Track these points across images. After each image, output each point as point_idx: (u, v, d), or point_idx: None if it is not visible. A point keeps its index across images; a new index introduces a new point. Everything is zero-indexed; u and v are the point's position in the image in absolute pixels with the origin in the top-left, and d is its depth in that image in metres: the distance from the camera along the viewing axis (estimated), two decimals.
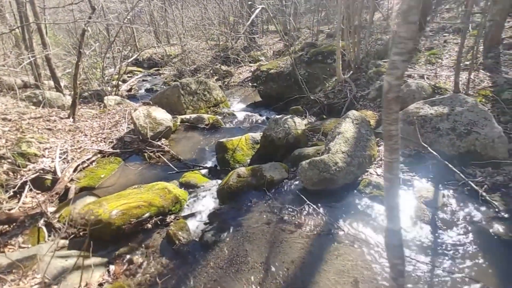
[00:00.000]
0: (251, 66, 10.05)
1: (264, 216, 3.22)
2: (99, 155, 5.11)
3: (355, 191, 3.47)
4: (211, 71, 9.40)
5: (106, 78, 8.52)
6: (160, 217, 3.33)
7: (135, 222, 3.16)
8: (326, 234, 2.94)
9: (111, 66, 9.71)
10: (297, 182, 3.70)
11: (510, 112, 4.54)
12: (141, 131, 5.49)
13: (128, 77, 10.52)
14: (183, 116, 6.62)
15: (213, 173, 4.70)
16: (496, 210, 3.05)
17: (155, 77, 10.88)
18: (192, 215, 3.54)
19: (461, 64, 5.66)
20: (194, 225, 3.37)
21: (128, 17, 8.76)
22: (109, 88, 8.13)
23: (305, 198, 3.34)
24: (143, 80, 10.68)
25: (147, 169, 4.95)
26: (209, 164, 5.00)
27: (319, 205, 3.27)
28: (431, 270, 2.49)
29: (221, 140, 4.89)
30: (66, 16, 10.12)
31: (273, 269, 2.62)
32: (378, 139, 4.33)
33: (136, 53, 10.75)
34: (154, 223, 3.26)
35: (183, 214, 3.59)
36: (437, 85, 5.74)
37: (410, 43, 0.82)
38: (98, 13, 10.02)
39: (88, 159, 4.89)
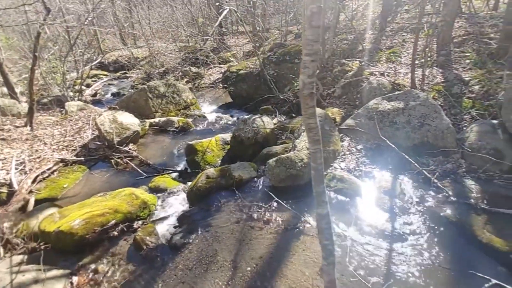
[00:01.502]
0: (221, 67, 10.03)
1: (233, 215, 3.26)
2: (61, 164, 4.86)
3: None
4: (181, 73, 9.26)
5: (68, 83, 8.09)
6: (127, 223, 3.25)
7: (99, 230, 3.05)
8: (293, 228, 3.04)
9: (73, 70, 9.23)
10: (265, 180, 3.78)
11: (458, 105, 4.95)
12: (106, 137, 5.30)
13: (92, 81, 10.07)
14: (152, 120, 6.47)
15: (183, 176, 4.65)
16: (446, 195, 3.33)
17: (122, 81, 10.51)
18: (161, 219, 3.50)
19: (416, 62, 6.07)
20: (163, 229, 3.33)
21: (89, 19, 8.38)
22: (71, 94, 7.74)
23: (273, 195, 3.42)
24: (109, 84, 10.27)
25: (115, 176, 4.79)
26: (180, 167, 4.94)
27: (287, 201, 3.37)
28: (389, 254, 2.67)
29: (190, 142, 4.85)
30: (20, 18, 9.48)
31: (242, 266, 2.67)
32: (342, 134, 4.53)
33: (100, 56, 10.31)
34: (120, 230, 3.17)
35: (152, 219, 3.53)
36: (396, 81, 6.09)
37: (316, 44, 0.91)
38: (55, 14, 9.49)
39: (48, 169, 4.63)
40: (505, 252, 2.57)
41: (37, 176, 4.41)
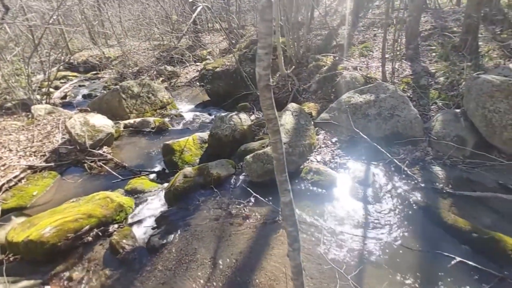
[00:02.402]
0: (197, 66, 9.90)
1: (212, 213, 3.25)
2: (29, 171, 4.61)
3: (298, 178, 3.69)
4: (156, 73, 9.04)
5: (34, 85, 7.65)
6: (102, 227, 3.16)
7: (72, 237, 2.94)
8: (272, 222, 3.09)
9: (40, 72, 8.74)
10: (243, 176, 3.80)
11: (425, 96, 5.21)
12: (78, 141, 5.08)
13: (61, 83, 9.58)
14: (126, 121, 6.28)
15: (161, 177, 4.57)
16: (415, 181, 3.51)
17: (94, 82, 10.07)
18: (139, 221, 3.42)
19: (387, 56, 6.30)
20: (141, 231, 3.26)
21: (54, 17, 7.95)
22: (38, 97, 7.32)
23: (251, 191, 3.45)
24: (80, 86, 9.82)
25: (88, 181, 4.61)
26: (157, 168, 4.84)
27: (265, 195, 3.41)
28: (362, 240, 2.79)
29: (167, 142, 4.77)
30: None
31: (222, 262, 2.68)
32: (317, 128, 4.63)
33: (68, 57, 9.81)
34: (95, 235, 3.07)
35: (128, 221, 3.45)
36: (368, 75, 6.29)
37: (269, 38, 0.93)
38: (16, 13, 8.92)
39: (15, 177, 4.38)
40: (468, 232, 2.76)
41: (3, 185, 4.17)
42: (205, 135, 5.03)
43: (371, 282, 2.40)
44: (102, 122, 5.56)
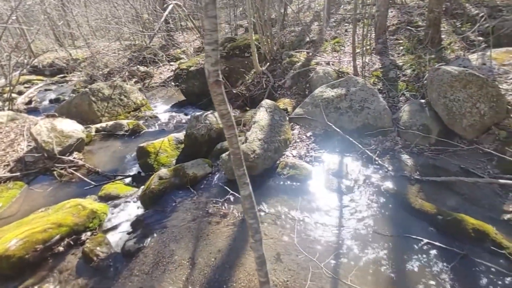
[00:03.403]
0: (172, 65, 9.70)
1: (190, 213, 3.22)
2: None
3: (274, 173, 3.73)
4: (128, 74, 8.76)
5: None
6: (74, 236, 3.04)
7: (42, 248, 2.81)
8: None
9: (0, 77, 8.20)
10: (220, 175, 3.79)
11: (394, 88, 5.43)
12: (45, 148, 4.83)
13: (25, 87, 9.04)
14: (98, 125, 6.05)
15: (137, 181, 4.46)
16: (386, 170, 3.66)
17: (62, 85, 9.58)
18: (113, 227, 3.33)
19: (358, 50, 6.49)
20: (116, 237, 3.17)
21: (13, 17, 7.46)
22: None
23: (228, 189, 3.45)
24: (46, 90, 9.30)
25: (59, 189, 4.41)
26: (132, 171, 4.72)
27: None
28: (335, 229, 2.88)
29: (141, 144, 4.65)
30: None
31: (200, 261, 2.67)
32: (292, 123, 4.70)
33: (31, 59, 9.26)
34: (66, 244, 2.95)
35: (102, 228, 3.34)
36: (340, 70, 6.45)
37: (214, 34, 0.95)
38: None
39: None
40: (434, 215, 2.92)
41: None
42: (181, 135, 4.95)
43: (343, 268, 2.49)
44: (71, 127, 5.33)
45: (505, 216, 2.88)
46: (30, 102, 8.21)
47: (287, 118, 4.61)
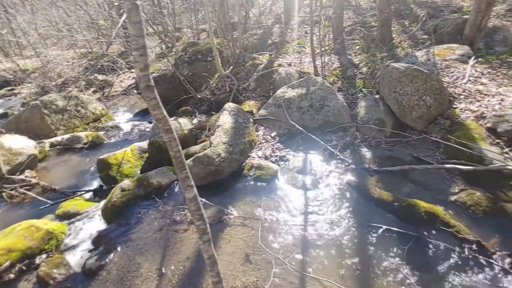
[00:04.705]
0: (132, 73, 9.34)
1: (155, 223, 3.13)
2: None
3: (241, 175, 3.75)
4: (84, 83, 8.29)
5: None
6: (27, 261, 2.80)
7: None
8: (219, 222, 3.09)
9: None
10: None
11: (352, 86, 5.71)
12: None
13: None
14: (53, 139, 5.65)
15: (99, 195, 4.22)
16: (347, 164, 3.84)
17: (9, 99, 8.80)
18: (73, 246, 3.12)
19: (318, 51, 6.74)
20: (76, 256, 2.98)
21: None
22: None
23: None
24: None
25: (9, 211, 4.04)
26: (93, 186, 4.46)
27: (210, 197, 3.40)
28: (300, 225, 2.96)
29: (102, 156, 4.42)
30: None
31: (168, 271, 2.60)
32: (257, 125, 4.76)
33: None
34: (18, 270, 2.71)
35: (61, 249, 3.12)
36: (302, 70, 6.65)
37: (140, 39, 0.95)
38: None
39: None
40: (391, 202, 3.12)
41: None
42: (144, 144, 4.79)
43: (307, 261, 2.57)
44: (21, 144, 4.92)
45: (452, 197, 3.15)
46: None
47: (252, 120, 4.65)
